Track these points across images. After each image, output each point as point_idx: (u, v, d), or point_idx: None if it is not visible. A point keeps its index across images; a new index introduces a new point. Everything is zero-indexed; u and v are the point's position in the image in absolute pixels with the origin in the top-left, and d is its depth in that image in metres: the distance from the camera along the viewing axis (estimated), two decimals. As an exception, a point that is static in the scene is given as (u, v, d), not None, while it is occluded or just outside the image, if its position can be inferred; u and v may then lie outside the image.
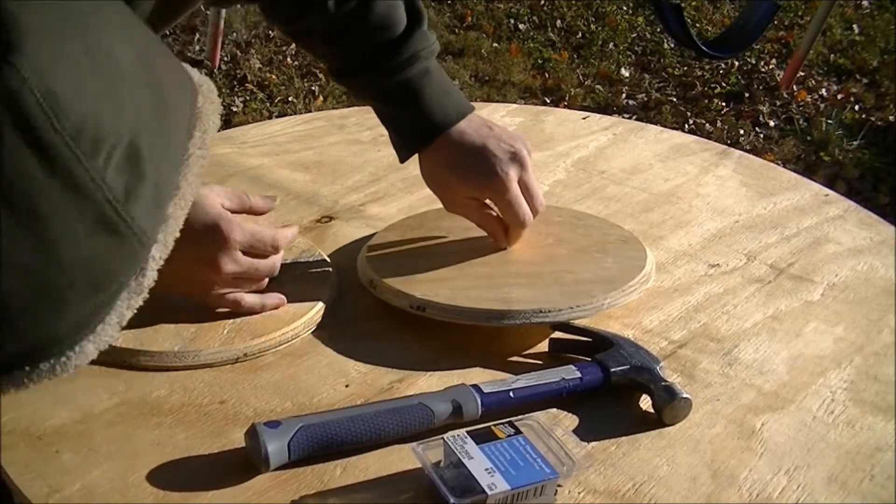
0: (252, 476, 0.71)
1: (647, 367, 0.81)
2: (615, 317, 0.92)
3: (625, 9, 4.25)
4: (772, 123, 3.29)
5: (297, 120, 1.34)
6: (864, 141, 3.13)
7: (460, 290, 0.89)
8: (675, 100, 3.45)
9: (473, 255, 0.96)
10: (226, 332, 0.85)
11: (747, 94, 3.47)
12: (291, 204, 1.11)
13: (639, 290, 0.90)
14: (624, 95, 3.48)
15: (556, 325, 0.87)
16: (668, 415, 0.78)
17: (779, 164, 1.67)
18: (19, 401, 0.78)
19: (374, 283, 0.92)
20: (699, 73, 3.65)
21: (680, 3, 2.78)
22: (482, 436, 0.71)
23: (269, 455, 0.70)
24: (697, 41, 2.92)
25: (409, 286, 0.89)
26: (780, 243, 1.07)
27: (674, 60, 3.77)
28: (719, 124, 3.26)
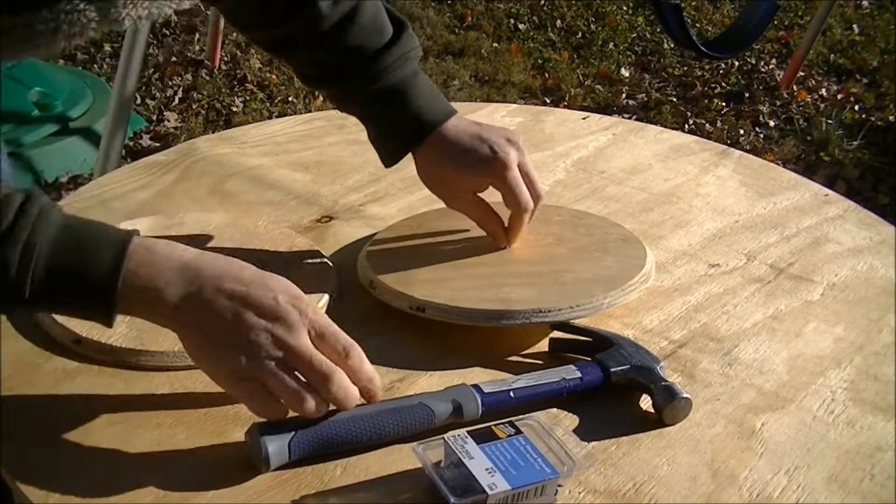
0: (252, 476, 0.71)
1: (647, 366, 0.81)
2: (615, 316, 0.92)
3: (625, 9, 4.25)
4: (772, 123, 3.29)
5: (297, 120, 1.34)
6: (864, 141, 3.13)
7: (460, 291, 0.89)
8: (675, 100, 3.45)
9: (473, 255, 0.96)
10: (226, 331, 0.84)
11: (747, 94, 3.47)
12: (291, 204, 1.11)
13: (639, 289, 0.90)
14: (624, 95, 3.48)
15: (556, 324, 0.87)
16: (668, 415, 0.78)
17: (779, 164, 1.67)
18: (20, 401, 0.78)
19: (374, 284, 0.92)
20: (699, 73, 3.65)
21: (679, 3, 2.78)
22: (482, 435, 0.71)
23: (270, 455, 0.70)
24: (697, 41, 2.92)
25: (408, 287, 0.89)
26: (779, 243, 1.07)
27: (674, 60, 3.77)
28: (719, 124, 3.26)
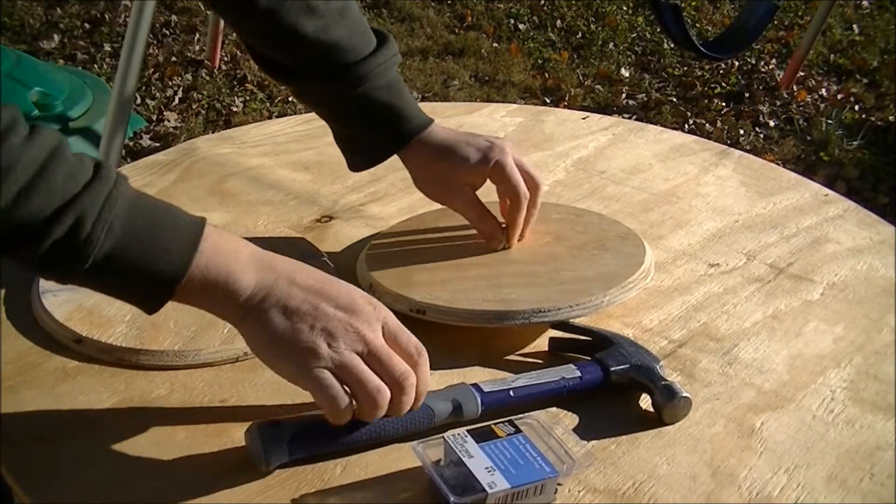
0: (252, 475, 0.71)
1: (647, 366, 0.81)
2: (615, 316, 0.92)
3: (625, 9, 4.25)
4: (772, 123, 3.29)
5: (297, 120, 1.34)
6: (864, 141, 3.13)
7: (459, 292, 0.89)
8: (675, 100, 3.45)
9: (473, 255, 0.96)
10: (226, 331, 0.85)
11: (747, 94, 3.47)
12: (291, 204, 1.11)
13: (638, 286, 0.90)
14: (624, 95, 3.48)
15: (555, 324, 0.87)
16: (668, 414, 0.78)
17: (779, 164, 1.67)
18: (20, 399, 0.78)
19: (373, 287, 0.92)
20: (699, 73, 3.65)
21: (679, 3, 2.78)
22: (482, 434, 0.71)
23: (269, 455, 0.70)
24: (696, 42, 2.92)
25: (407, 289, 0.89)
26: (779, 243, 1.07)
27: (674, 60, 3.77)
28: (719, 124, 3.26)
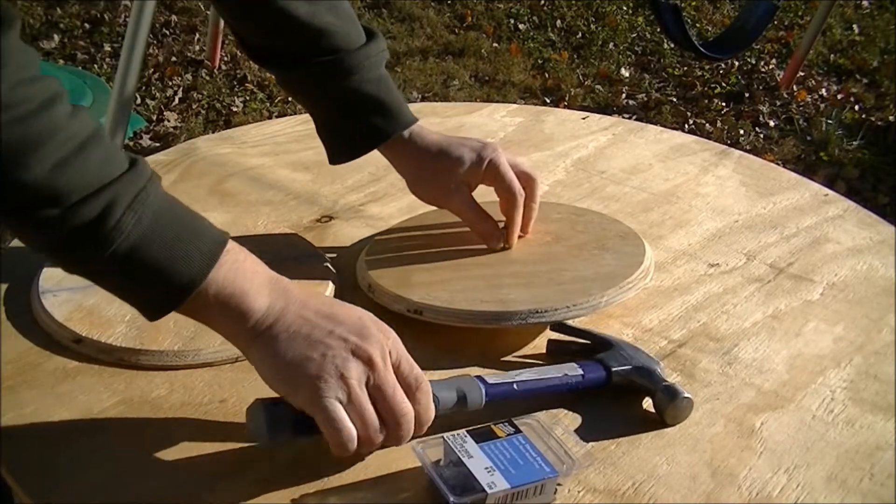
0: (252, 475, 0.71)
1: (648, 367, 0.81)
2: (615, 316, 0.92)
3: (625, 9, 4.25)
4: (772, 123, 3.29)
5: (297, 120, 1.34)
6: (864, 141, 3.13)
7: (457, 293, 0.88)
8: (675, 100, 3.45)
9: (472, 255, 0.96)
10: (226, 331, 0.85)
11: (747, 94, 3.47)
12: (291, 204, 1.11)
13: (637, 286, 0.90)
14: (624, 95, 3.48)
15: (555, 325, 0.87)
16: (670, 415, 0.78)
17: (779, 164, 1.67)
18: (20, 399, 0.78)
19: (372, 288, 0.92)
20: (699, 73, 3.65)
21: (679, 3, 2.77)
22: (482, 434, 0.71)
23: (273, 431, 0.68)
24: (696, 42, 2.92)
25: (405, 290, 0.89)
26: (779, 243, 1.07)
27: (674, 60, 3.77)
28: (719, 124, 3.26)
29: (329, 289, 0.92)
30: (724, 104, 3.41)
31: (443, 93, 3.40)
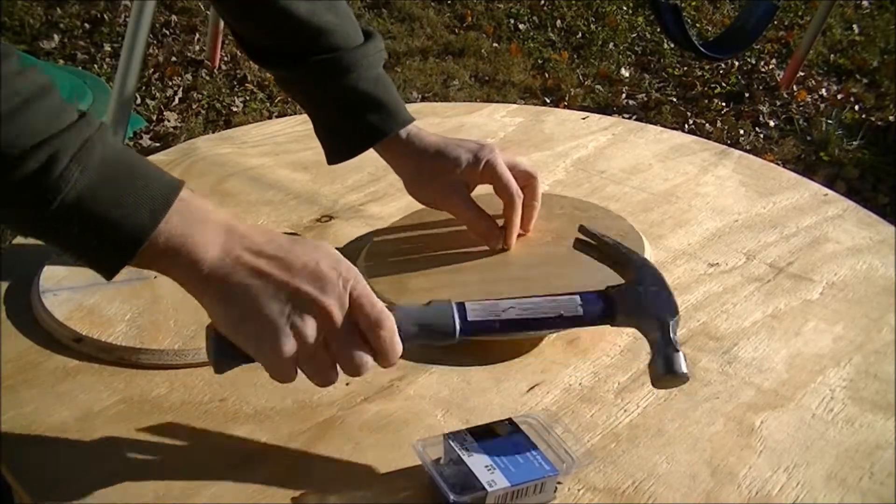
0: (252, 474, 0.71)
1: (658, 318, 0.74)
2: (615, 315, 0.92)
3: (625, 9, 4.25)
4: (772, 123, 3.29)
5: (297, 120, 1.34)
6: (864, 141, 3.13)
7: (452, 299, 0.87)
8: (675, 100, 3.45)
9: (470, 257, 0.95)
10: (226, 330, 0.85)
11: (747, 94, 3.47)
12: (291, 204, 1.11)
13: None
14: (624, 95, 3.48)
15: (581, 228, 0.83)
16: (657, 383, 0.73)
17: (779, 164, 1.67)
18: (20, 399, 0.78)
19: None
20: (699, 73, 3.65)
21: (679, 3, 2.78)
22: (482, 433, 0.71)
23: (217, 359, 0.68)
24: (696, 42, 2.92)
25: (402, 297, 0.89)
26: (779, 242, 1.07)
27: (674, 60, 3.77)
28: (719, 124, 3.26)
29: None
30: (724, 104, 3.41)
31: (443, 93, 3.40)
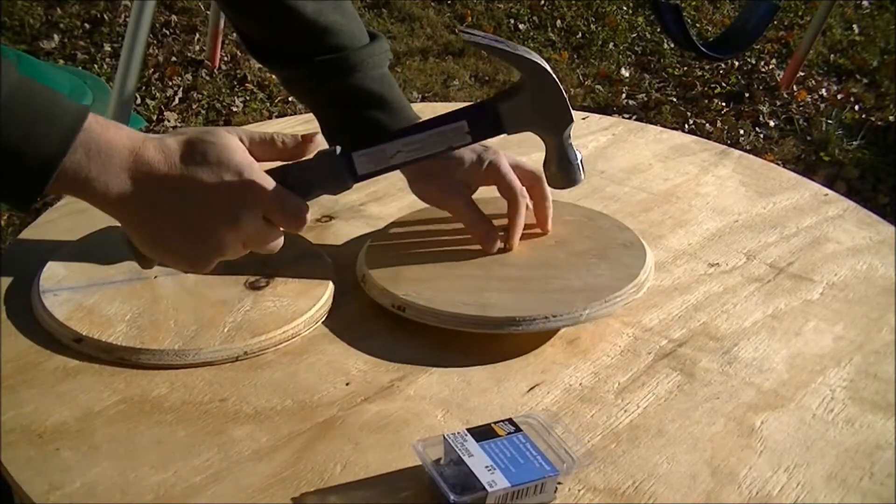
0: (252, 474, 0.71)
1: (551, 126, 0.88)
2: (614, 315, 0.92)
3: (625, 9, 4.25)
4: (772, 123, 3.29)
5: (297, 120, 1.34)
6: (864, 141, 3.13)
7: (441, 292, 0.88)
8: (675, 100, 3.45)
9: (469, 254, 0.95)
10: (226, 330, 0.85)
11: (747, 94, 3.47)
12: (292, 203, 1.11)
13: (624, 300, 0.88)
14: (624, 95, 3.48)
15: (465, 35, 0.89)
16: (550, 181, 0.91)
17: (779, 164, 1.67)
18: (20, 399, 0.78)
19: (365, 279, 0.92)
20: (699, 73, 3.65)
21: (679, 3, 2.78)
22: (482, 433, 0.71)
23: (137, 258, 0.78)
24: (697, 42, 2.92)
25: (394, 284, 0.89)
26: (779, 243, 1.07)
27: (674, 60, 3.77)
28: (719, 124, 3.26)
29: (329, 289, 0.92)
30: (724, 104, 3.41)
31: (443, 93, 3.40)
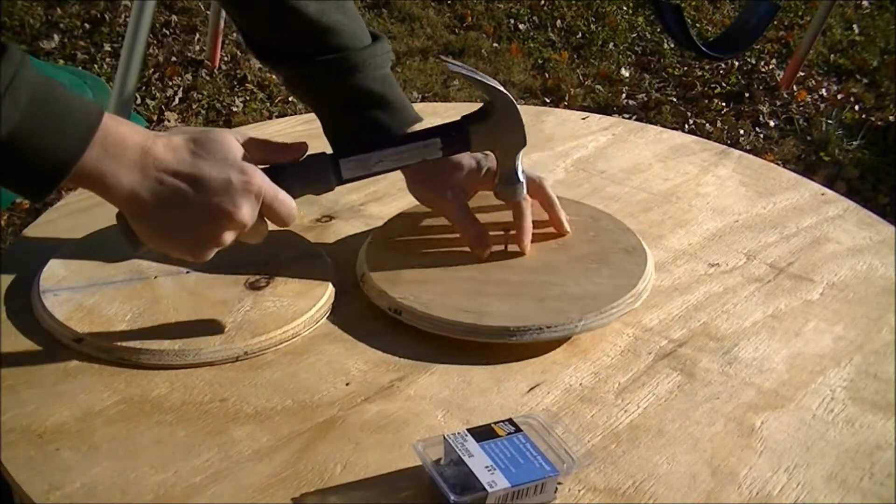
0: (252, 473, 0.71)
1: (507, 145, 0.90)
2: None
3: (625, 9, 4.25)
4: (772, 123, 3.29)
5: (297, 120, 1.34)
6: (864, 141, 3.13)
7: (438, 297, 0.88)
8: (675, 100, 3.45)
9: (471, 255, 0.95)
10: (226, 330, 0.85)
11: (747, 94, 3.47)
12: (292, 203, 1.11)
13: (620, 310, 0.88)
14: (624, 95, 3.48)
15: (446, 65, 0.96)
16: (497, 193, 0.93)
17: (779, 164, 1.67)
18: (20, 399, 0.78)
19: (364, 279, 0.92)
20: (699, 73, 3.65)
21: (679, 3, 2.78)
22: (482, 434, 0.71)
23: (130, 245, 0.81)
24: (697, 42, 2.92)
25: (392, 286, 0.89)
26: (779, 243, 1.07)
27: (674, 60, 3.77)
28: (719, 124, 3.26)
29: (328, 289, 0.92)
30: (724, 104, 3.41)
31: (443, 93, 3.40)
